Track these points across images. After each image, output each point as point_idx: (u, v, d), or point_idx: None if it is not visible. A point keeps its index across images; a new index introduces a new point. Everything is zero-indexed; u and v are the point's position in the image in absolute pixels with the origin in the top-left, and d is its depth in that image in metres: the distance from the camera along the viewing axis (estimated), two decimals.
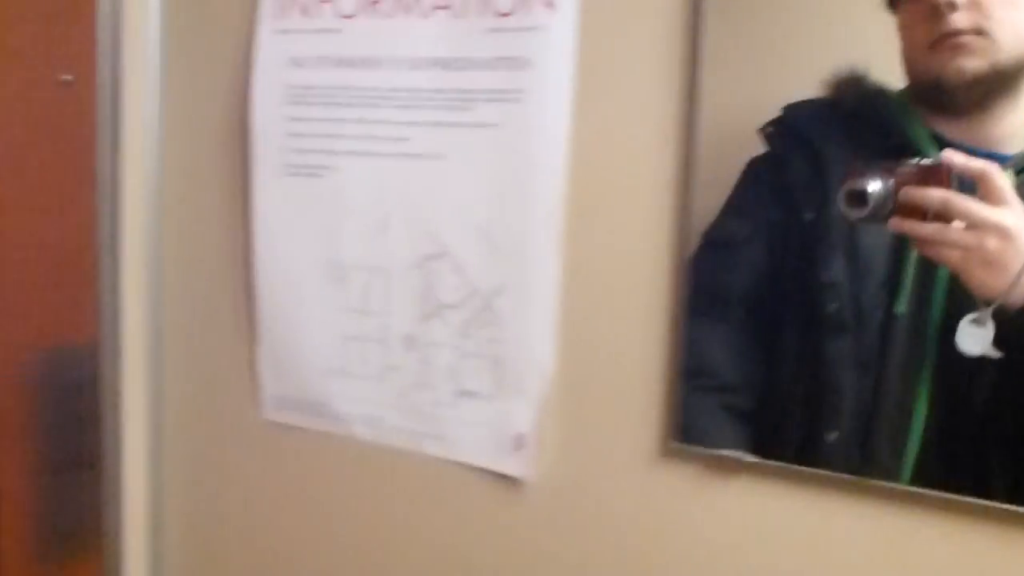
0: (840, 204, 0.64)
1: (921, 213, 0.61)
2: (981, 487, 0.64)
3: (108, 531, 0.90)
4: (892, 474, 0.67)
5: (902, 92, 0.64)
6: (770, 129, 0.68)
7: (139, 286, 0.92)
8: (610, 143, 0.75)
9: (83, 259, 0.87)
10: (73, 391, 0.92)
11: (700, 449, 0.74)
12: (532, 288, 0.78)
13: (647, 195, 0.74)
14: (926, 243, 0.62)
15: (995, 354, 0.61)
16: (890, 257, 0.65)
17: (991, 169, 0.60)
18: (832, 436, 0.68)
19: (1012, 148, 0.61)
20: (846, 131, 0.65)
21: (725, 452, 0.73)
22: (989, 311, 0.61)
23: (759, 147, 0.69)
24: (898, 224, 0.63)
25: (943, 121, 0.63)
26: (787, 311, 0.69)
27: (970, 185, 0.60)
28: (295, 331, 0.89)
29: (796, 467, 0.71)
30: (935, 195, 0.61)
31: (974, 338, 0.62)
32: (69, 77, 0.86)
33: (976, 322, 0.62)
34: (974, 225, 0.60)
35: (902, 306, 0.65)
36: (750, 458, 0.72)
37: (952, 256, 0.61)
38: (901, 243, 0.64)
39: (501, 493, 0.84)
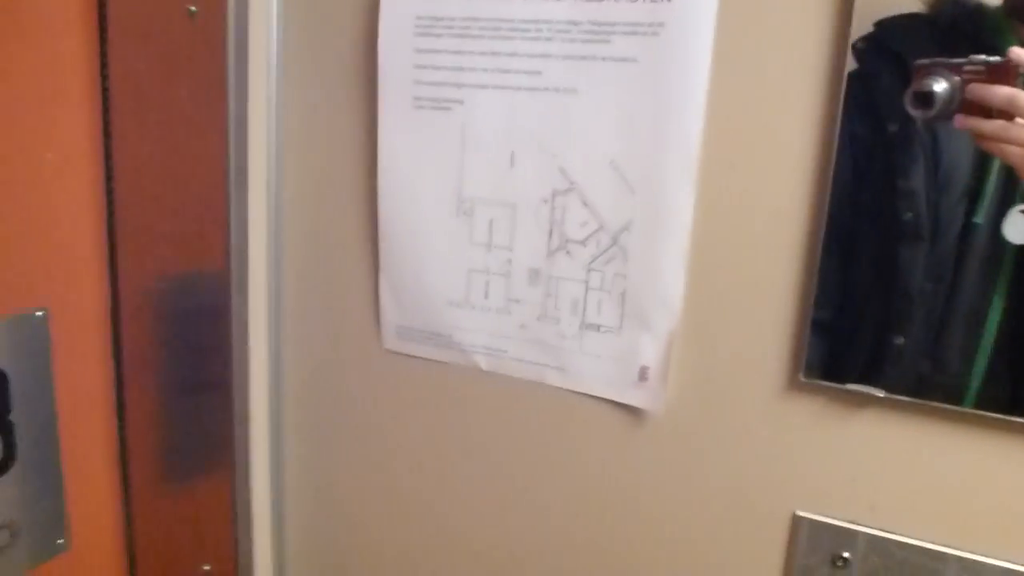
0: (907, 105, 0.65)
1: (986, 110, 0.63)
2: None
3: (239, 453, 0.93)
4: (961, 379, 0.69)
5: (999, 7, 0.64)
6: (861, 45, 0.68)
7: (263, 215, 0.93)
8: (752, 80, 0.74)
9: (212, 189, 0.88)
10: (198, 317, 0.93)
11: (828, 384, 0.76)
12: (664, 224, 0.79)
13: (788, 134, 0.74)
14: (989, 139, 0.64)
15: None
16: (972, 168, 0.66)
17: None
18: (899, 340, 0.71)
19: None
20: (939, 45, 0.66)
21: (854, 387, 0.75)
22: None
23: None
24: (962, 121, 0.64)
25: None
26: (865, 221, 0.71)
27: None
28: (418, 263, 0.90)
29: (926, 402, 0.72)
30: (1001, 92, 0.62)
31: (1021, 228, 0.65)
32: (194, 8, 0.85)
33: None
34: None
35: (980, 216, 0.66)
36: (879, 393, 0.73)
37: (1013, 153, 0.63)
38: (984, 155, 0.65)
39: (626, 425, 0.86)
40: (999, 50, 0.63)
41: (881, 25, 0.68)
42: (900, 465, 0.75)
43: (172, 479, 0.98)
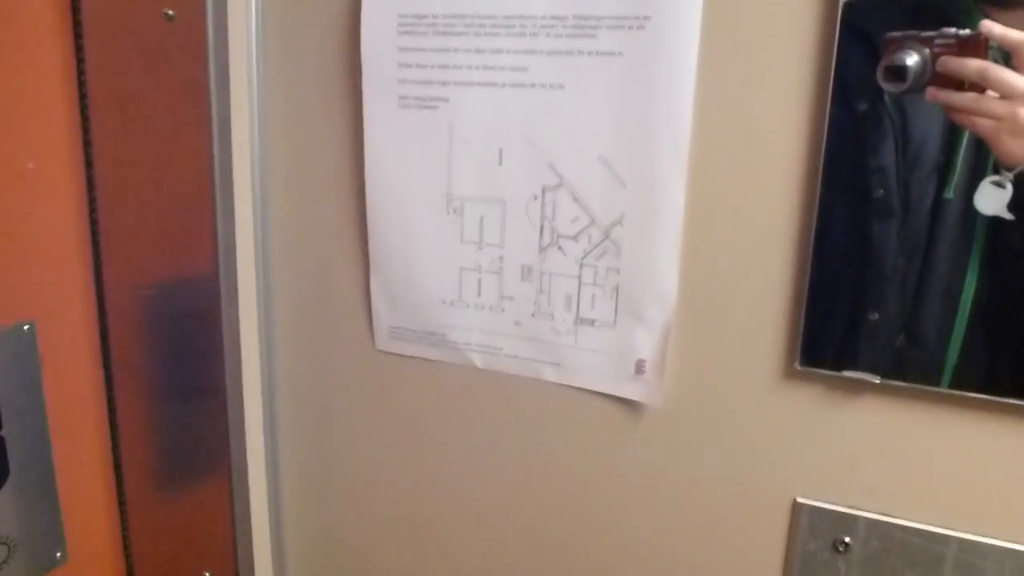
0: (880, 79, 0.66)
1: (957, 83, 0.63)
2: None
3: (235, 458, 0.92)
4: (937, 354, 0.70)
5: None
6: None
7: (250, 218, 0.92)
8: (740, 70, 0.74)
9: (197, 192, 0.87)
10: (188, 322, 0.93)
11: (824, 371, 0.76)
12: (656, 217, 0.78)
13: (778, 123, 0.74)
14: (960, 112, 0.64)
15: (1008, 216, 0.65)
16: (941, 144, 0.67)
17: None
18: (874, 316, 0.72)
19: None
20: (906, 24, 0.66)
21: (850, 374, 0.75)
22: (1011, 175, 0.64)
23: None
24: (934, 93, 0.64)
25: (1003, 13, 0.63)
26: (839, 199, 0.72)
27: (1006, 57, 0.63)
28: (409, 262, 0.90)
29: (920, 387, 0.73)
30: (972, 65, 0.63)
31: (991, 199, 0.65)
32: (171, 12, 0.84)
33: (996, 184, 0.65)
34: (1008, 95, 0.62)
35: (951, 192, 0.67)
36: (875, 379, 0.74)
37: (984, 125, 0.64)
38: (953, 130, 0.66)
39: (624, 418, 0.86)
40: (966, 28, 0.64)
41: (849, 6, 0.68)
42: (897, 449, 0.75)
43: (168, 487, 0.98)
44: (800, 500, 0.80)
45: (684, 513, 0.86)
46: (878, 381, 0.74)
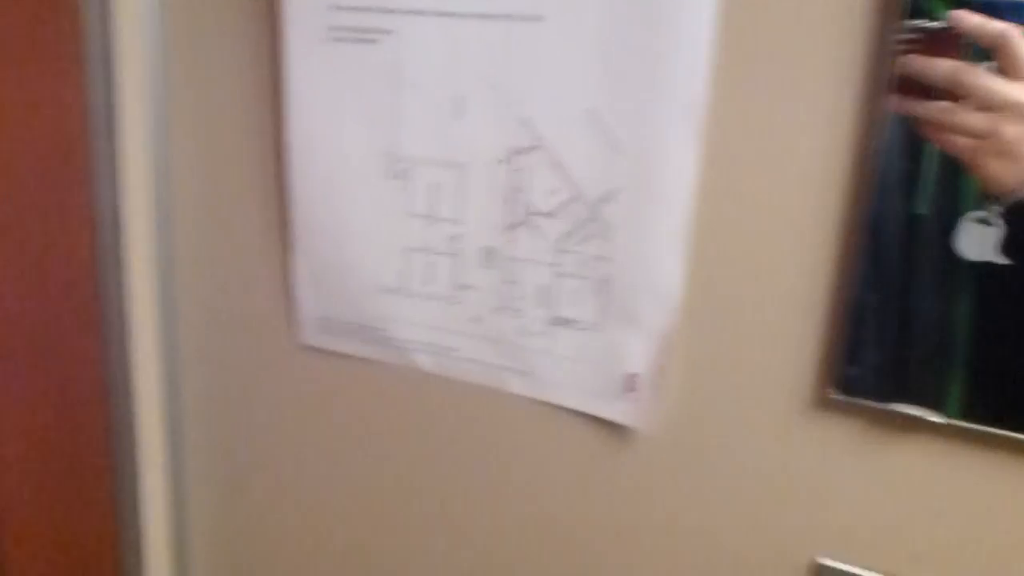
0: None
1: (926, 90, 0.58)
2: None
3: (122, 475, 0.83)
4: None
5: None
6: None
7: (143, 182, 0.82)
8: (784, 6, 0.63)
9: (68, 141, 0.75)
10: (58, 315, 0.83)
11: (867, 402, 0.66)
12: (659, 194, 0.69)
13: (821, 74, 0.62)
14: (930, 126, 0.58)
15: (1000, 260, 0.58)
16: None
17: (1012, 32, 0.54)
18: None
19: None
20: None
21: (902, 408, 0.65)
22: (999, 209, 0.57)
23: None
24: (896, 103, 0.58)
25: None
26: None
27: (986, 54, 0.56)
28: (342, 239, 0.82)
29: (996, 431, 0.63)
30: (942, 66, 0.57)
31: (976, 240, 0.58)
32: None
33: (982, 221, 0.58)
34: (988, 106, 0.56)
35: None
36: (937, 418, 0.64)
37: (961, 143, 0.57)
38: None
39: (607, 445, 0.78)
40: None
41: None
42: (957, 506, 0.67)
43: (48, 504, 0.88)
44: (822, 561, 0.72)
45: (676, 568, 0.79)
46: (940, 420, 0.64)
